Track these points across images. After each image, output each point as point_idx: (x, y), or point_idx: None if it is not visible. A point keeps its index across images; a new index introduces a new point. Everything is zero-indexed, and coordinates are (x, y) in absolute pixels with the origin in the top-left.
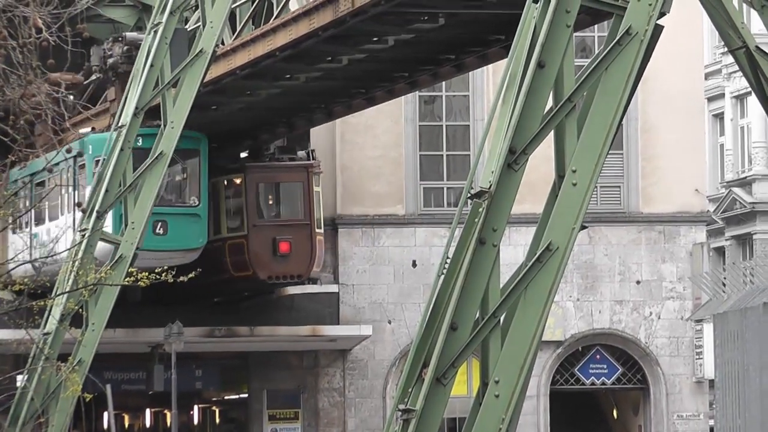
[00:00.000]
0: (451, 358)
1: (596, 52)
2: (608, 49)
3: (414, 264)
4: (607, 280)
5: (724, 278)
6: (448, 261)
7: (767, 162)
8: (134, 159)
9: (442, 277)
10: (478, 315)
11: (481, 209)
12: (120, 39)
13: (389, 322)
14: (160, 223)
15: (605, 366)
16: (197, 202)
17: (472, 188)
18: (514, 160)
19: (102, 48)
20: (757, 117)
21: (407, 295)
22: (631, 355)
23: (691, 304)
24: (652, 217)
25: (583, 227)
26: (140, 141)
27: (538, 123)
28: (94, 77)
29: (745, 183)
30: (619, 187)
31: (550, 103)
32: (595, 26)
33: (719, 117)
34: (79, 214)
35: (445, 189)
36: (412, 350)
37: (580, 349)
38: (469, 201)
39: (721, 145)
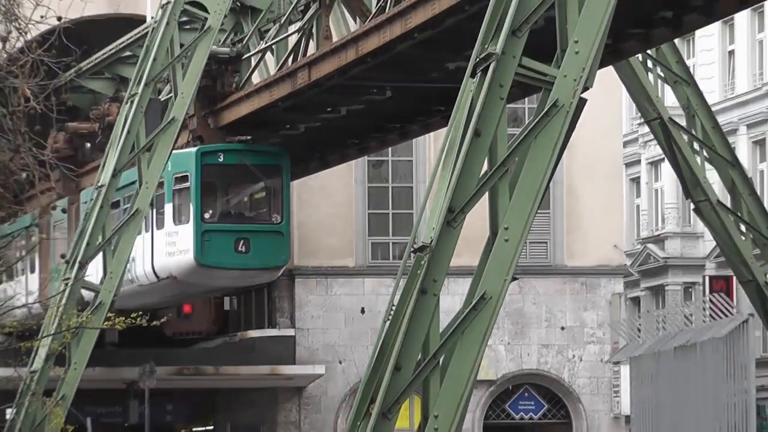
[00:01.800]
0: (396, 395)
1: (526, 122)
2: (537, 119)
3: (363, 311)
4: (535, 326)
5: (639, 325)
6: (394, 308)
7: (678, 221)
8: (214, 175)
9: (388, 322)
10: (420, 357)
11: (423, 262)
12: None
13: (340, 363)
14: (242, 241)
15: (533, 403)
16: (280, 220)
17: (415, 243)
18: (453, 218)
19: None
20: (670, 181)
21: (356, 339)
22: (555, 393)
23: (609, 348)
24: (575, 270)
25: (514, 279)
26: (221, 157)
27: (474, 185)
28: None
29: (659, 240)
30: (546, 242)
31: (485, 167)
32: (526, 99)
33: (636, 181)
34: (159, 235)
35: (390, 243)
36: (360, 388)
37: (510, 387)
38: (413, 255)
39: (637, 206)
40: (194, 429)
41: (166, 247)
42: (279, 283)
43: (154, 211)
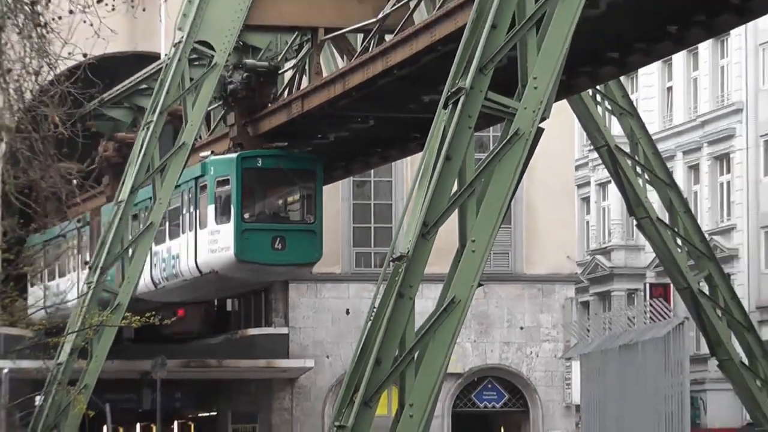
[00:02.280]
0: (376, 386)
1: (492, 148)
2: (501, 146)
3: (348, 312)
4: (498, 326)
5: (589, 326)
6: (375, 310)
7: (623, 235)
8: (253, 179)
9: (370, 322)
10: (397, 352)
11: (400, 270)
12: (240, 66)
13: (328, 357)
14: (278, 239)
15: (495, 393)
16: (313, 220)
17: (393, 253)
18: (427, 231)
19: (222, 75)
20: (616, 200)
21: (342, 336)
22: (515, 385)
23: (562, 346)
24: (533, 277)
25: (479, 285)
26: (260, 162)
27: (445, 203)
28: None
29: (606, 252)
30: (508, 253)
31: (455, 187)
32: (491, 127)
33: (586, 200)
34: (202, 234)
35: (372, 254)
36: (345, 379)
37: (475, 379)
38: (392, 263)
39: (587, 222)
40: (199, 414)
41: (208, 245)
42: (275, 287)
43: (198, 211)
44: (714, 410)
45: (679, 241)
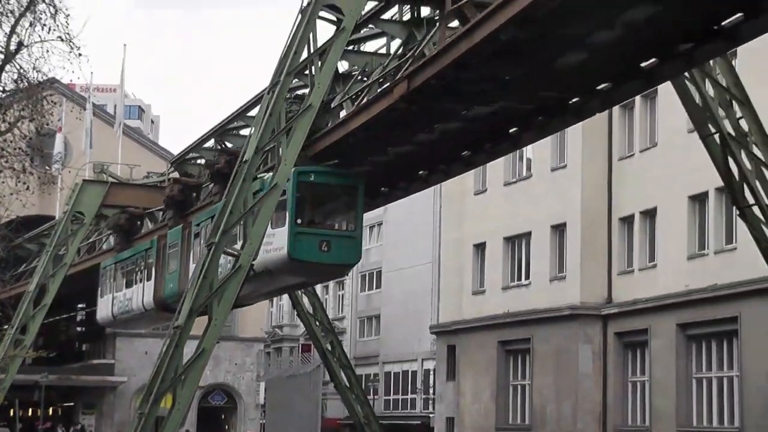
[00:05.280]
0: (162, 393)
1: (225, 274)
2: (228, 276)
3: (146, 353)
4: (224, 363)
5: (270, 364)
6: (163, 353)
7: (289, 320)
8: (306, 191)
9: (160, 358)
10: (173, 375)
11: (177, 333)
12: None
13: (135, 376)
14: (325, 242)
15: (221, 397)
16: (354, 228)
17: (175, 323)
18: (192, 314)
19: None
20: (287, 305)
21: (144, 365)
22: (231, 393)
23: (256, 374)
24: (243, 338)
25: (217, 342)
26: (312, 177)
27: (203, 300)
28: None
29: (281, 327)
30: (230, 325)
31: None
32: None
33: (272, 302)
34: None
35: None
36: (146, 388)
37: (211, 389)
38: (173, 329)
39: (272, 312)
40: (65, 404)
41: (264, 246)
42: (108, 338)
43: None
44: (331, 409)
45: (318, 323)
